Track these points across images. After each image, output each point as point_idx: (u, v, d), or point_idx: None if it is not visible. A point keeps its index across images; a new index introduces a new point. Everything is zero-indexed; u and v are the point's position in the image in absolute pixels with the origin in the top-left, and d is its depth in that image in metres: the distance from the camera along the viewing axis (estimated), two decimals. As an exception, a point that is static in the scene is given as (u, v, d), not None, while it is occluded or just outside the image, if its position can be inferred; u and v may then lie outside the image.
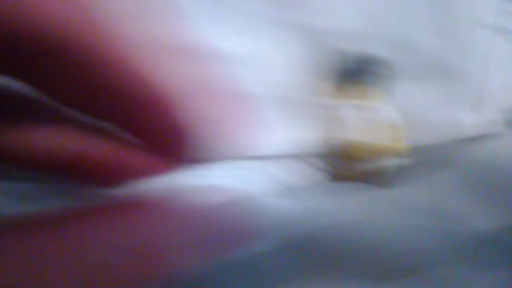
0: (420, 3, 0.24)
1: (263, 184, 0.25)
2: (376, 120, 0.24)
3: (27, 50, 0.09)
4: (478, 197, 0.22)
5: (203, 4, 0.22)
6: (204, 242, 0.11)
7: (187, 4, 0.22)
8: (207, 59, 0.14)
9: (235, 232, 0.12)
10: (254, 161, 0.26)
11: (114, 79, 0.10)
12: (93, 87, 0.10)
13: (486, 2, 0.25)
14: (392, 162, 0.25)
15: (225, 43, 0.23)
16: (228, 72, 0.13)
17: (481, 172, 0.23)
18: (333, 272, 0.18)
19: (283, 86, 0.25)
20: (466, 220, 0.21)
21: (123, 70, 0.10)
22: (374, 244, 0.19)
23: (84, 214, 0.10)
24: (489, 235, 0.20)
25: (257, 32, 0.24)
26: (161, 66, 0.11)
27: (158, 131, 0.12)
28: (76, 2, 0.09)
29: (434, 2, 0.24)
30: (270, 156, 0.26)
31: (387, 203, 0.22)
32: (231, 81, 0.13)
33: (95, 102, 0.11)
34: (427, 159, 0.26)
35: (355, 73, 0.24)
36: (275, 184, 0.25)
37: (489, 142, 0.24)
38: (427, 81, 0.25)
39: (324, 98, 0.26)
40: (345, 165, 0.26)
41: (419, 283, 0.17)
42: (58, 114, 0.12)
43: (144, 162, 0.13)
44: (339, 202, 0.22)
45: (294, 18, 0.24)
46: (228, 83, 0.13)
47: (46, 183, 0.16)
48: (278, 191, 0.25)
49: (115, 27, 0.10)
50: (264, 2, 0.23)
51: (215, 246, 0.12)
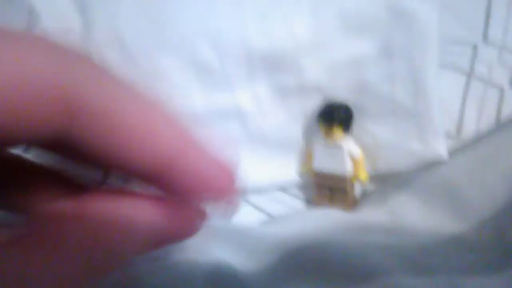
0: (376, 56, 0.29)
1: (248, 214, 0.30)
2: (341, 154, 0.29)
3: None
4: (430, 214, 0.27)
5: None
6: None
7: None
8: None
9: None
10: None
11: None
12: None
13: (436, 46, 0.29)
14: (356, 189, 0.30)
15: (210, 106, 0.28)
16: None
17: (431, 193, 0.27)
18: (309, 283, 0.22)
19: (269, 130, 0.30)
20: (416, 235, 0.25)
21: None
22: (340, 259, 0.23)
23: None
24: (433, 246, 0.25)
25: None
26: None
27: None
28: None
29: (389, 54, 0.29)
30: (254, 188, 0.31)
31: (352, 224, 0.27)
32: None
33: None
34: (385, 185, 0.30)
35: (323, 116, 0.29)
36: (259, 213, 0.30)
37: (437, 167, 0.28)
38: (382, 119, 0.29)
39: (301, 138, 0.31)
40: (317, 193, 0.30)
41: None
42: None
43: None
44: (313, 226, 0.27)
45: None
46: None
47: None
48: (263, 219, 0.30)
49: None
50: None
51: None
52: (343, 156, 0.29)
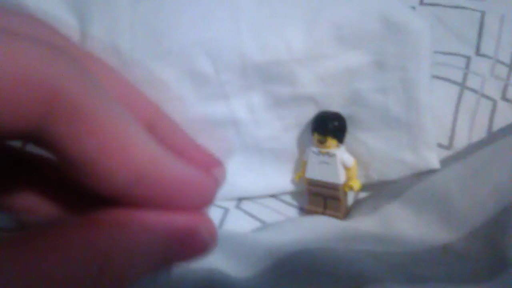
0: (370, 67, 0.29)
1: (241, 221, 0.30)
2: (334, 163, 0.29)
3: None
4: (421, 223, 0.27)
5: None
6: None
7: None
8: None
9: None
10: (233, 201, 0.32)
11: None
12: None
13: (429, 58, 0.30)
14: (348, 198, 0.30)
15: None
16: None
17: (423, 202, 0.27)
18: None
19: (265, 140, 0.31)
20: (407, 243, 0.26)
21: None
22: (332, 266, 0.23)
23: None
24: (424, 255, 0.25)
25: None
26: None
27: None
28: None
29: (382, 66, 0.29)
30: (248, 196, 0.32)
31: (344, 232, 0.27)
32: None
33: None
34: (377, 194, 0.30)
35: (317, 126, 0.30)
36: (253, 220, 0.30)
37: (428, 177, 0.28)
38: (375, 129, 0.30)
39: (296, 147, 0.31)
40: (310, 201, 0.31)
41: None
42: None
43: None
44: (306, 234, 0.27)
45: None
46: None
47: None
48: (256, 226, 0.30)
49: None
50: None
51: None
52: (336, 165, 0.29)
